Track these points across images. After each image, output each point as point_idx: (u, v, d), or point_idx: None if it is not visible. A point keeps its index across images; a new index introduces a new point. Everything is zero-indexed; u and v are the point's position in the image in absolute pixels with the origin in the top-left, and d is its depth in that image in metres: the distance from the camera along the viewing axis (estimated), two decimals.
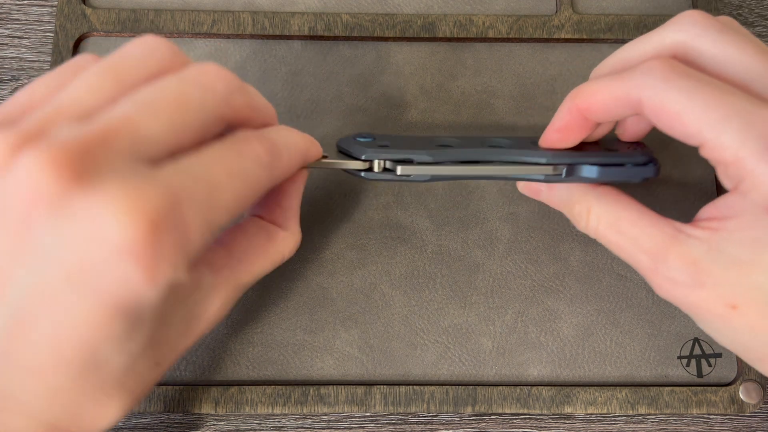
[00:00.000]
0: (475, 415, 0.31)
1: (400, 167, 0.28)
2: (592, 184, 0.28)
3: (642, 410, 0.31)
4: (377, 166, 0.28)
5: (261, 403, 0.30)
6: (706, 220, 0.25)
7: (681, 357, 0.31)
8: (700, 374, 0.31)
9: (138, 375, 0.23)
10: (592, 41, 0.35)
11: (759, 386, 0.31)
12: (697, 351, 0.31)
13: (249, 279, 0.27)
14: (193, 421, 0.31)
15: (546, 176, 0.28)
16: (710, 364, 0.31)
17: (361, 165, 0.28)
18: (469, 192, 0.33)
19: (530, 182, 0.30)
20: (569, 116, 0.27)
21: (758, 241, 0.23)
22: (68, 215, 0.19)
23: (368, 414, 0.31)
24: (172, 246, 0.20)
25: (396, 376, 0.31)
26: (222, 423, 0.31)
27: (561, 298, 0.32)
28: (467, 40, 0.35)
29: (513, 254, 0.32)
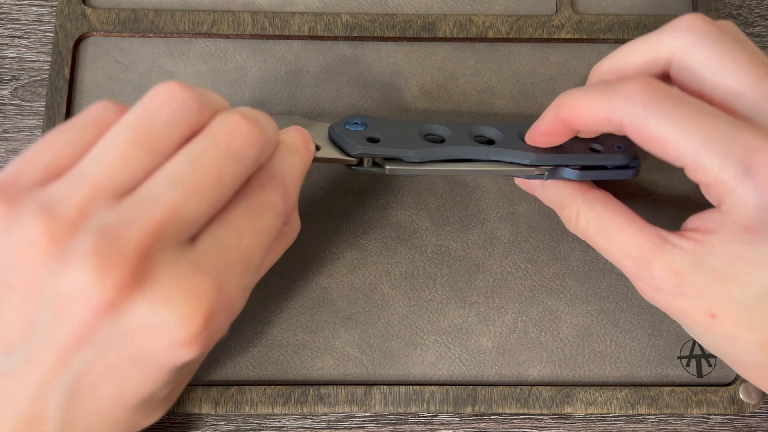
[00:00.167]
0: (475, 415, 0.31)
1: (389, 166, 0.29)
2: (583, 187, 0.29)
3: (642, 410, 0.31)
4: (366, 162, 0.29)
5: (261, 403, 0.30)
6: (692, 231, 0.26)
7: (681, 357, 0.31)
8: (700, 374, 0.31)
9: (180, 387, 0.27)
10: (592, 41, 0.35)
11: None
12: (697, 351, 0.31)
13: (267, 268, 0.28)
14: (193, 421, 0.31)
15: (528, 176, 0.30)
16: (710, 364, 0.31)
17: (352, 159, 0.29)
18: (469, 192, 0.33)
19: (526, 179, 0.31)
20: (554, 125, 0.28)
21: (737, 257, 0.24)
22: (129, 315, 0.21)
23: (368, 414, 0.31)
24: (222, 322, 0.23)
25: (396, 376, 0.31)
26: (222, 423, 0.31)
27: (561, 298, 0.32)
28: (467, 40, 0.35)
29: (513, 254, 0.32)
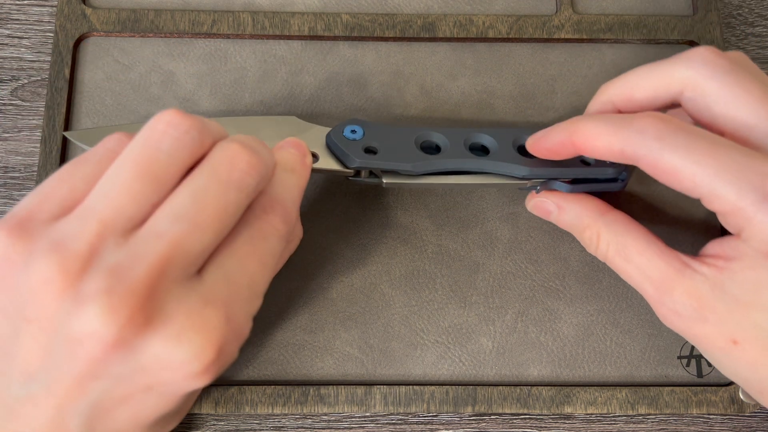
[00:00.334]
0: (475, 415, 0.31)
1: (385, 179, 0.30)
2: (602, 209, 0.29)
3: (642, 410, 0.31)
4: (364, 173, 0.30)
5: (261, 403, 0.30)
6: (712, 257, 0.26)
7: (681, 357, 0.31)
8: (700, 374, 0.31)
9: (192, 400, 0.29)
10: (592, 41, 0.35)
11: None
12: (697, 351, 0.31)
13: (271, 278, 0.29)
14: (193, 421, 0.31)
15: (521, 188, 0.31)
16: (710, 364, 0.31)
17: (349, 171, 0.30)
18: (469, 192, 0.33)
19: (539, 205, 0.31)
20: (561, 146, 0.28)
21: (759, 283, 0.24)
22: (142, 350, 0.22)
23: (368, 414, 0.31)
24: (232, 350, 0.24)
25: (396, 376, 0.31)
26: (222, 423, 0.31)
27: (561, 298, 0.32)
28: (467, 40, 0.35)
29: (513, 254, 0.32)
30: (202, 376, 0.23)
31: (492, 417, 0.31)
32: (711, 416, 0.32)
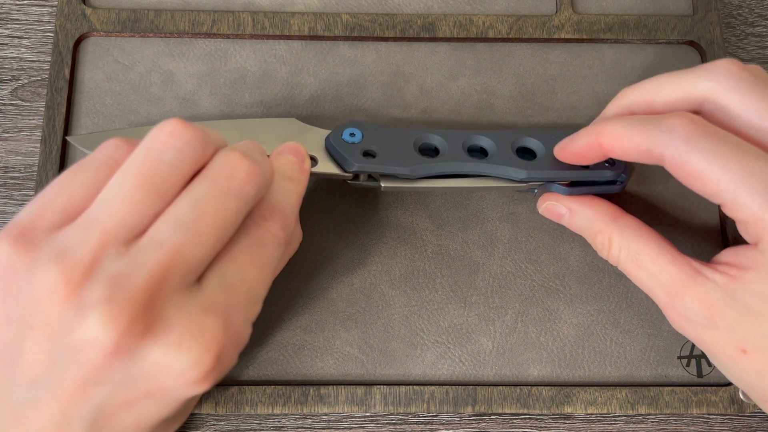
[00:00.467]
0: (475, 415, 0.31)
1: (384, 183, 0.30)
2: (614, 214, 0.29)
3: (642, 410, 0.31)
4: (362, 177, 0.30)
5: (261, 403, 0.30)
6: (726, 265, 0.26)
7: (681, 357, 0.31)
8: (700, 374, 0.31)
9: (194, 402, 0.29)
10: (592, 41, 0.35)
11: None
12: (697, 351, 0.31)
13: (271, 281, 0.29)
14: (193, 421, 0.31)
15: (519, 190, 0.31)
16: (710, 364, 0.31)
17: (347, 175, 0.30)
18: (469, 192, 0.33)
19: (551, 208, 0.31)
20: (588, 148, 0.28)
21: None
22: (142, 357, 0.22)
23: (368, 414, 0.31)
24: (231, 356, 0.24)
25: (396, 376, 0.31)
26: (222, 423, 0.31)
27: (561, 298, 0.32)
28: (467, 40, 0.35)
29: (513, 254, 0.32)
30: (202, 383, 0.23)
31: (492, 417, 0.31)
32: (711, 416, 0.32)
